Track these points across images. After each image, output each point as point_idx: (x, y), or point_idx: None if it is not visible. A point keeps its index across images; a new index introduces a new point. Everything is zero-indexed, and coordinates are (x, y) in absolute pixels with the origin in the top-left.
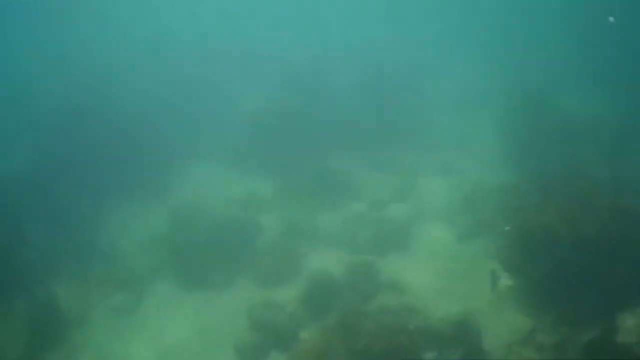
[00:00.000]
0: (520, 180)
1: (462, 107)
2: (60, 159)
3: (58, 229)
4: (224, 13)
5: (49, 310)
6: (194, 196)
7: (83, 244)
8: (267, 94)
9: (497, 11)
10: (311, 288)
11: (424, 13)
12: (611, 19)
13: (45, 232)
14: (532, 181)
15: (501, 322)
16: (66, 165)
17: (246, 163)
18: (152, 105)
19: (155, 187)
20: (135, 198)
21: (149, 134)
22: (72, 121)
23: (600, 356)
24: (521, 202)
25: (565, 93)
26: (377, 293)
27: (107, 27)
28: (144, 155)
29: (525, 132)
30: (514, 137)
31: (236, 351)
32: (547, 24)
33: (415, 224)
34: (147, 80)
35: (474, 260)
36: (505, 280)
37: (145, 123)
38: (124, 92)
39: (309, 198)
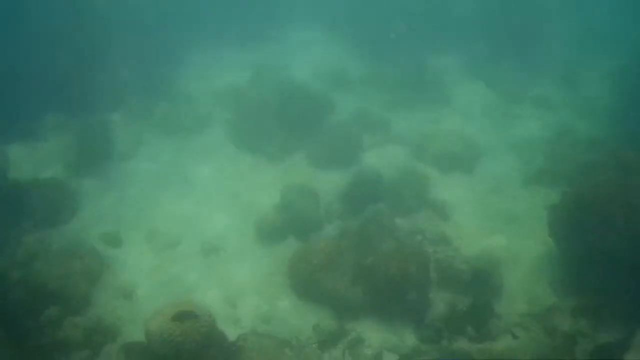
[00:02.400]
0: (614, 143)
1: (584, 47)
2: None
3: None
4: None
5: (99, 137)
6: (282, 59)
7: (160, 79)
8: None
9: None
10: (355, 184)
11: None
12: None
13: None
14: (625, 149)
15: (525, 287)
16: None
17: (345, 40)
18: None
19: (252, 39)
20: (227, 49)
21: None
22: None
23: None
24: (602, 169)
25: None
26: (419, 209)
27: None
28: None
29: None
30: (630, 97)
31: (256, 226)
32: None
33: (489, 151)
34: None
35: (531, 210)
36: None
37: None
38: None
39: (395, 90)
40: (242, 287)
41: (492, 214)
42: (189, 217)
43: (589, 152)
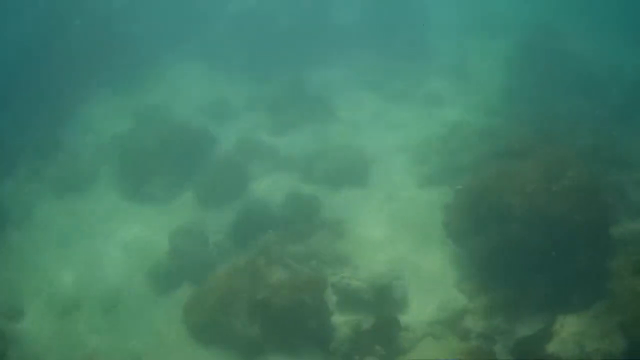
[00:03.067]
0: (506, 129)
1: (468, 34)
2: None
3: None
4: None
5: None
6: (163, 98)
7: (44, 138)
8: None
9: None
10: (242, 217)
11: None
12: None
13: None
14: (516, 133)
15: (432, 294)
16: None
17: (225, 67)
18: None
19: (129, 84)
20: (106, 94)
21: (131, 28)
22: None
23: None
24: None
25: (587, 37)
26: (311, 232)
27: None
28: (125, 50)
29: (531, 75)
30: (518, 78)
31: (149, 276)
32: None
33: (382, 156)
34: None
35: (429, 211)
36: None
37: (129, 17)
38: None
39: (281, 112)
40: (145, 342)
41: (389, 223)
42: (84, 276)
43: (483, 143)
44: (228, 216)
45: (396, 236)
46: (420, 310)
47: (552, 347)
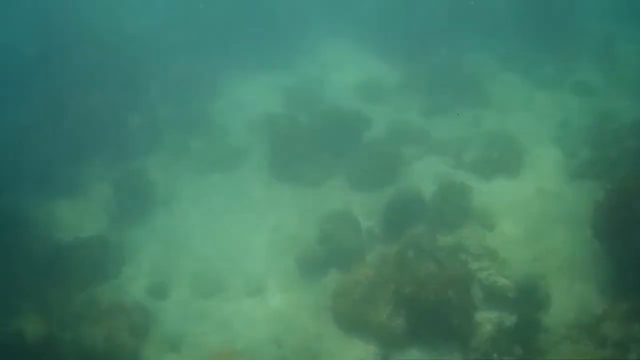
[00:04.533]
0: None
1: (623, 19)
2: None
3: (173, 94)
4: None
5: (138, 185)
6: (313, 75)
7: (194, 112)
8: None
9: None
10: (394, 205)
11: None
12: None
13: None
14: None
15: (573, 295)
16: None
17: (377, 45)
18: None
19: (281, 62)
20: (256, 69)
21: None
22: None
23: None
24: None
25: None
26: (462, 223)
27: None
28: (277, 29)
29: None
30: None
31: (297, 261)
32: None
33: (533, 145)
34: None
35: (577, 208)
36: None
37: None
38: None
39: (432, 94)
40: (287, 326)
41: (538, 218)
42: (231, 257)
43: (634, 137)
44: (380, 202)
45: (544, 233)
46: (561, 311)
47: None
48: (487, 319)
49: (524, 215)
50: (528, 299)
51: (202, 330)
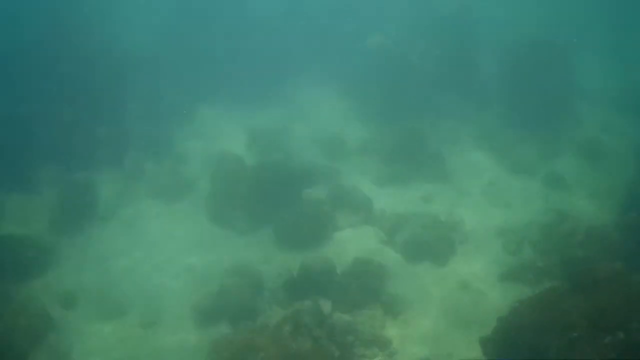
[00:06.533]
0: (614, 237)
1: (613, 107)
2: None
3: (146, 114)
4: None
5: (84, 195)
6: (283, 120)
7: (159, 137)
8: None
9: None
10: (305, 271)
11: None
12: None
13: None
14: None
15: None
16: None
17: (354, 100)
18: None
19: (258, 102)
20: (230, 105)
21: (270, 40)
22: None
23: None
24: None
25: None
26: (365, 304)
27: None
28: (262, 69)
29: None
30: None
31: (193, 306)
32: None
33: (475, 235)
34: None
35: (495, 313)
36: None
37: (270, 28)
38: None
39: (391, 162)
40: None
41: (450, 316)
42: (143, 286)
43: (582, 247)
44: (295, 264)
45: (449, 334)
46: None
47: None
48: None
49: (435, 310)
50: None
51: (88, 349)
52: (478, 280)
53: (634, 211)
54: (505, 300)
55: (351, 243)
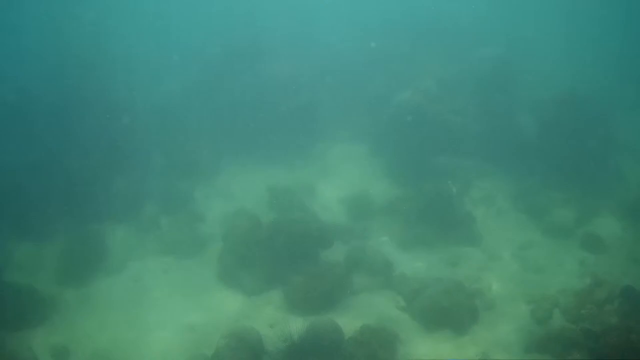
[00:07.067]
0: None
1: None
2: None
3: (169, 167)
4: None
5: (92, 247)
6: (308, 183)
7: (179, 192)
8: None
9: None
10: (310, 337)
11: None
12: None
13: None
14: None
15: None
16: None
17: (387, 160)
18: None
19: (284, 160)
20: (259, 164)
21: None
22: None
23: None
24: None
25: None
26: None
27: None
28: (293, 126)
29: None
30: None
31: None
32: None
33: (500, 305)
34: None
35: None
36: None
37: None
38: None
39: (417, 224)
40: None
41: None
42: (140, 346)
43: (615, 314)
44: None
45: None
46: None
47: None
48: None
49: None
50: None
51: None
52: (500, 351)
53: None
54: None
55: (365, 309)
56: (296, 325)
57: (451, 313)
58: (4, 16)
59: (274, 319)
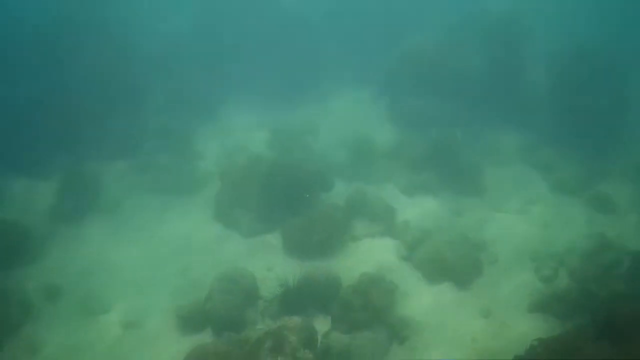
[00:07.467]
0: None
1: None
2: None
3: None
4: None
5: (88, 186)
6: (311, 125)
7: (179, 131)
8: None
9: None
10: (306, 283)
11: None
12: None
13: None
14: None
15: None
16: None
17: (393, 103)
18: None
19: (288, 101)
20: (260, 105)
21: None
22: None
23: None
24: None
25: None
26: (368, 326)
27: None
28: (296, 67)
29: None
30: None
31: (177, 309)
32: None
33: (503, 260)
34: None
35: (513, 349)
36: None
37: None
38: None
39: (421, 170)
40: None
41: (463, 347)
42: (131, 283)
43: (623, 281)
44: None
45: None
46: None
47: None
48: None
49: (448, 338)
50: None
51: (64, 343)
52: (503, 308)
53: None
54: (530, 335)
55: (365, 256)
56: (293, 270)
57: (454, 265)
58: None
59: (270, 263)
